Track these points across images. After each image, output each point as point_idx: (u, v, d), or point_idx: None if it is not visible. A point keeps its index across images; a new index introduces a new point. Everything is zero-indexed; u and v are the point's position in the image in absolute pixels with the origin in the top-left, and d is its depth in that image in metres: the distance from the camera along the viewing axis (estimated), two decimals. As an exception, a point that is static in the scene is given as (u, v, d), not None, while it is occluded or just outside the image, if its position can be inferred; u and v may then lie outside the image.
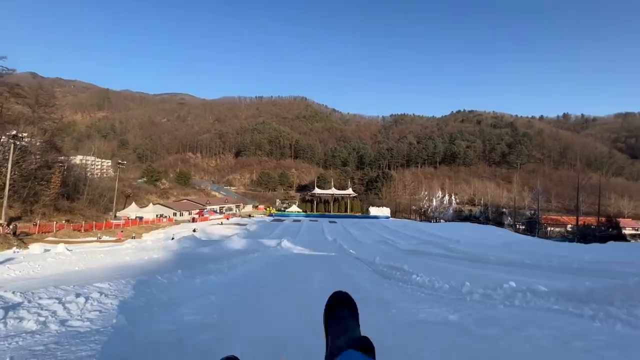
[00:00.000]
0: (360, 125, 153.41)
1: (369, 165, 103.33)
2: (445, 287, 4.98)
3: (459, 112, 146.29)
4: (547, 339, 2.14)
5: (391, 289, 5.33)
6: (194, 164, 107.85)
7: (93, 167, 58.37)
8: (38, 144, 31.74)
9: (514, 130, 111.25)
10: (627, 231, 45.09)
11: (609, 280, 4.71)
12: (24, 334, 2.33)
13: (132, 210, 43.60)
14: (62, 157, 37.63)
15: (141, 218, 40.72)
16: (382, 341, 2.33)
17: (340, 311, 0.91)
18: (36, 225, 24.52)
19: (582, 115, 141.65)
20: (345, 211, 68.38)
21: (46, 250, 12.62)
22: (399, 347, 2.15)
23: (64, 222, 28.32)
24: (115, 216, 39.42)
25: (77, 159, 50.75)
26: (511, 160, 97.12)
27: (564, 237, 40.27)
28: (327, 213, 65.85)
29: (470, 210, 66.99)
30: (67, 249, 11.64)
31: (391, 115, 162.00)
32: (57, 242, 16.59)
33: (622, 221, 45.07)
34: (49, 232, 24.70)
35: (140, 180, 69.77)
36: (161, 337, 2.47)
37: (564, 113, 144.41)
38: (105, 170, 62.60)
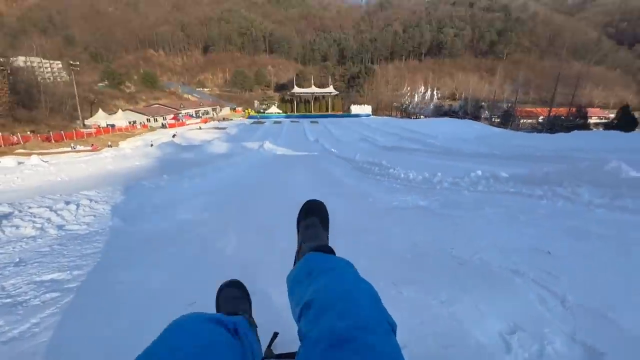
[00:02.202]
0: (342, 11, 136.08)
1: (351, 59, 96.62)
2: (418, 179, 5.42)
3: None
4: (498, 215, 2.49)
5: (369, 182, 5.76)
6: (157, 63, 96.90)
7: (42, 70, 51.58)
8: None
9: (507, 15, 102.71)
10: (593, 120, 47.74)
11: (564, 166, 5.24)
12: (25, 239, 2.48)
13: (101, 118, 41.09)
14: (1, 59, 32.70)
15: (113, 126, 38.79)
16: (359, 224, 2.66)
17: (312, 219, 1.00)
18: (-2, 137, 23.09)
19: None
20: (327, 110, 67.07)
21: (20, 163, 12.24)
22: (373, 227, 2.47)
23: (29, 133, 26.70)
24: (84, 124, 37.30)
25: (20, 61, 44.35)
26: (498, 51, 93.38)
27: (534, 129, 42.42)
28: (308, 113, 64.51)
29: (451, 105, 67.21)
30: (43, 160, 11.34)
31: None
32: (28, 154, 16.00)
33: (591, 111, 47.29)
34: (15, 144, 23.51)
35: (101, 85, 63.43)
36: (159, 233, 2.69)
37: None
38: (57, 73, 55.75)
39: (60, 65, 57.76)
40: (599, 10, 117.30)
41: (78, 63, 43.27)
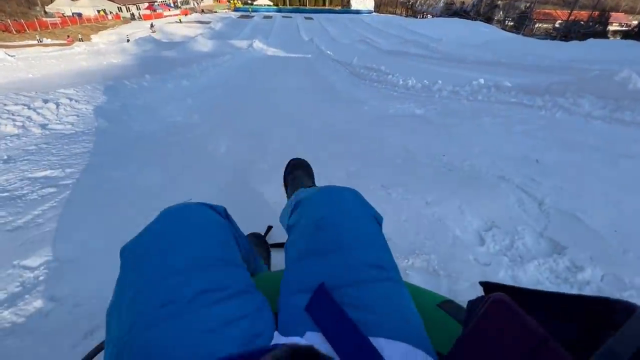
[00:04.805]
0: None
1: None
2: (417, 86, 5.15)
3: None
4: (494, 125, 2.46)
5: (366, 89, 5.48)
6: None
7: None
8: None
9: None
10: (613, 27, 43.66)
11: (570, 77, 4.98)
12: (8, 137, 2.40)
13: (63, 4, 35.65)
14: None
15: (80, 15, 33.98)
16: (355, 131, 2.62)
17: (298, 172, 1.09)
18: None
19: None
20: (324, 4, 59.16)
21: (-17, 57, 11.05)
22: (368, 135, 2.44)
23: (-17, 21, 23.40)
24: (45, 12, 32.54)
25: None
26: None
27: (548, 34, 38.95)
28: (302, 7, 56.94)
29: (463, 2, 59.58)
30: (9, 55, 10.21)
31: None
32: (-10, 47, 14.30)
33: (613, 15, 42.76)
34: (-29, 34, 20.81)
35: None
36: (148, 135, 2.63)
37: None
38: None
39: None
40: None
41: None
